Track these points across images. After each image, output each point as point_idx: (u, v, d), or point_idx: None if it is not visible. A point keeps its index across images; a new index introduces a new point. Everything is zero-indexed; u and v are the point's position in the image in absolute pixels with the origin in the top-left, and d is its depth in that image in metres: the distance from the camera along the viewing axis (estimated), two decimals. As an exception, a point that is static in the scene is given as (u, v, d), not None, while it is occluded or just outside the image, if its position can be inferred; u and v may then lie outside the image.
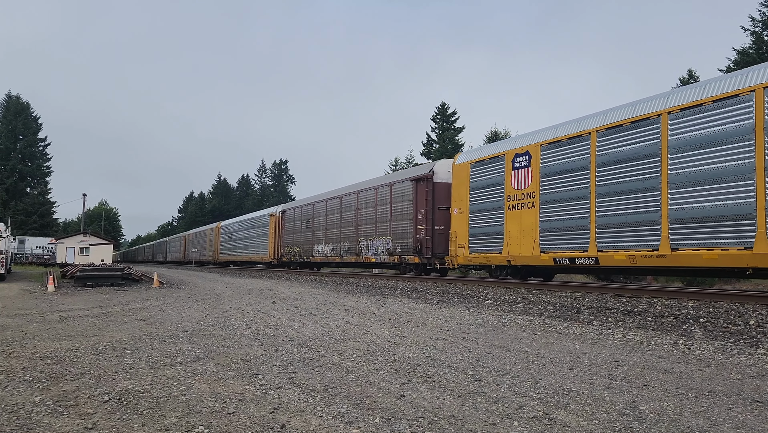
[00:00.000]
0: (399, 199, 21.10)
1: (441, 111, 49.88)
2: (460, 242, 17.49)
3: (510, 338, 6.97)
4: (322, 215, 28.14)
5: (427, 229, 19.08)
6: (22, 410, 3.72)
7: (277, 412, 3.68)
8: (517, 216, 15.28)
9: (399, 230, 20.83)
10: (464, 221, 17.42)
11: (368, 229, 23.24)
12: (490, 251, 16.23)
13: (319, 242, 28.16)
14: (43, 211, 64.97)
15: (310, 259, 29.19)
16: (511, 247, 15.41)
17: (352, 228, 24.73)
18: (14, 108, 67.44)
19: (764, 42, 29.35)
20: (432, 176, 19.41)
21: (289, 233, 32.87)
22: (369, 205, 23.33)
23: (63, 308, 10.95)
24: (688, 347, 6.22)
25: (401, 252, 20.63)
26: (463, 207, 17.52)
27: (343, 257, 25.34)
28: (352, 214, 24.87)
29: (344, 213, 25.69)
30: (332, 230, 26.81)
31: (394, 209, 21.34)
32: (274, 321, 8.51)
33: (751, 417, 3.63)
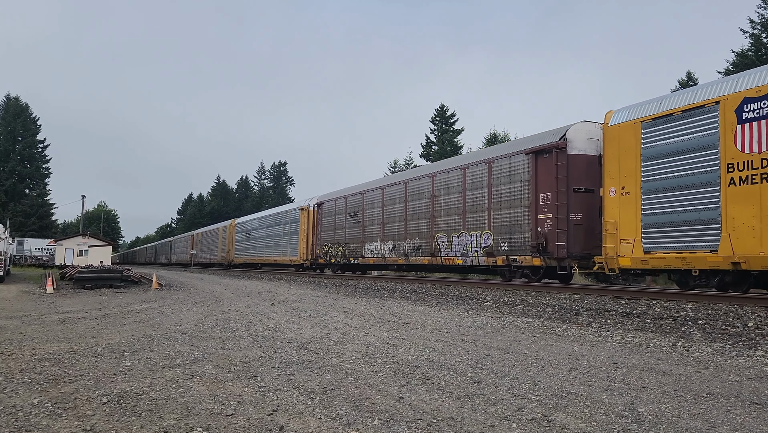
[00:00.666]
0: (505, 179, 16.11)
1: (440, 113, 49.92)
2: (625, 236, 12.42)
3: (509, 339, 6.97)
4: (377, 206, 23.14)
5: (556, 219, 14.12)
6: (21, 411, 3.72)
7: (275, 414, 3.68)
8: (751, 194, 10.07)
9: (504, 222, 15.91)
10: (632, 205, 12.29)
11: (451, 222, 18.36)
12: (692, 249, 11.04)
13: (373, 240, 23.22)
14: (41, 213, 64.95)
15: (359, 260, 24.33)
16: (741, 242, 10.21)
17: (424, 221, 19.82)
18: (13, 109, 67.45)
19: (763, 44, 29.41)
20: (565, 146, 14.12)
21: (328, 229, 27.52)
22: (452, 191, 18.41)
23: (62, 309, 10.94)
24: (686, 349, 6.23)
25: (508, 251, 15.73)
26: (630, 185, 12.38)
27: (409, 258, 20.65)
28: (424, 204, 19.90)
29: (411, 203, 20.83)
30: (392, 225, 21.94)
31: (496, 194, 16.32)
32: (273, 323, 8.51)
33: (749, 419, 3.63)
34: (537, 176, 14.89)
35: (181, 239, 71.21)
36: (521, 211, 15.40)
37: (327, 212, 27.94)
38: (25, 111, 68.40)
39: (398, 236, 21.52)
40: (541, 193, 14.75)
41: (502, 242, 15.98)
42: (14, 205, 63.28)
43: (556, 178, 14.25)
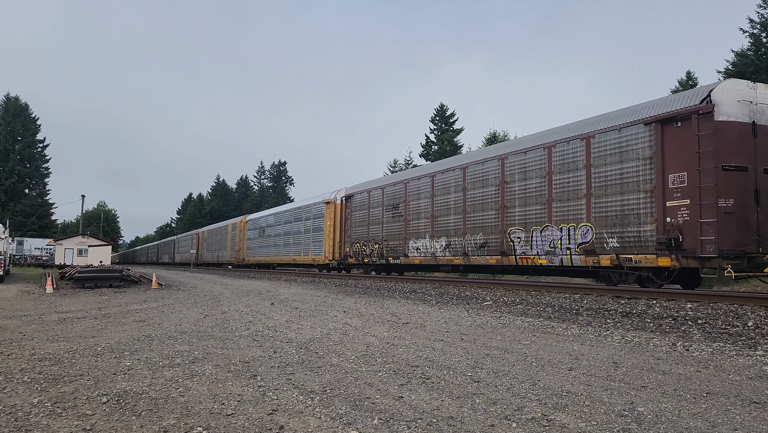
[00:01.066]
0: (612, 158, 13.03)
1: (440, 113, 49.90)
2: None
3: (508, 339, 6.97)
4: (424, 197, 19.71)
5: (698, 206, 11.11)
6: (21, 411, 3.72)
7: (275, 413, 3.68)
8: None
9: (612, 212, 12.91)
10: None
11: (530, 213, 15.20)
12: None
13: (419, 236, 19.82)
14: (41, 213, 64.94)
15: (401, 260, 20.87)
16: None
17: (491, 213, 16.61)
18: (13, 109, 67.45)
19: (762, 44, 29.40)
20: (711, 110, 11.11)
21: (359, 224, 24.07)
22: (531, 176, 15.26)
23: (61, 309, 10.94)
24: (686, 349, 6.23)
25: (619, 248, 12.70)
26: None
27: (470, 258, 17.29)
28: (491, 192, 16.70)
29: (473, 191, 17.45)
30: (446, 218, 18.57)
31: (598, 177, 13.32)
32: (273, 322, 8.51)
33: (749, 418, 3.64)
34: (663, 152, 11.89)
35: (185, 237, 66.81)
36: (638, 197, 12.37)
37: (358, 205, 24.35)
38: (25, 111, 68.39)
39: (454, 232, 18.05)
40: (670, 173, 11.75)
41: (610, 237, 12.85)
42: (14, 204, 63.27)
43: (697, 153, 11.16)
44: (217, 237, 49.64)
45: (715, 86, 11.49)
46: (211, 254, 50.55)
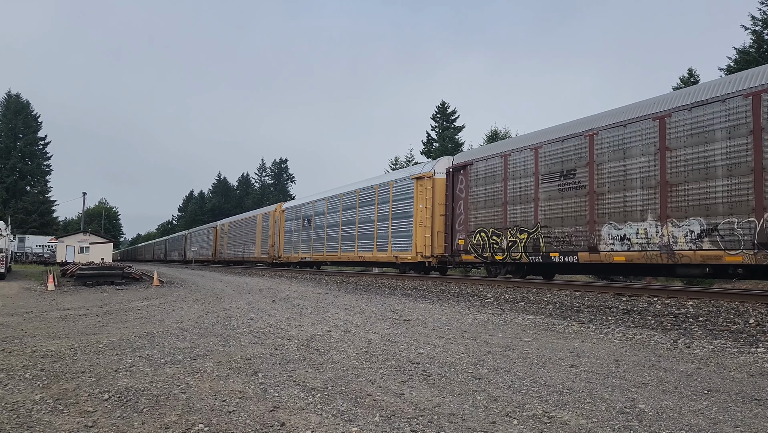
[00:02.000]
0: None
1: (441, 110, 49.86)
2: None
3: (510, 336, 6.97)
4: (639, 153, 12.30)
5: None
6: (23, 408, 3.73)
7: (276, 410, 3.69)
8: None
9: None
10: None
11: None
12: None
13: (626, 217, 12.43)
14: (43, 210, 64.99)
15: (581, 257, 13.46)
16: None
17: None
18: (14, 107, 67.48)
19: (765, 41, 29.32)
20: None
21: (485, 205, 16.75)
22: None
23: (63, 306, 10.96)
24: (687, 346, 6.23)
25: None
26: None
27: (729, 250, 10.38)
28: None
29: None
30: (697, 186, 11.05)
31: None
32: (274, 320, 8.51)
33: (750, 416, 3.63)
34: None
35: (199, 232, 59.23)
36: None
37: (482, 177, 16.99)
38: (26, 108, 68.42)
39: (724, 207, 10.57)
40: None
41: None
42: (15, 202, 63.36)
43: None
44: (242, 230, 42.67)
45: None
46: (234, 250, 43.82)
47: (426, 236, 19.21)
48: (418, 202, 19.66)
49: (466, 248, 17.35)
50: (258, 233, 38.89)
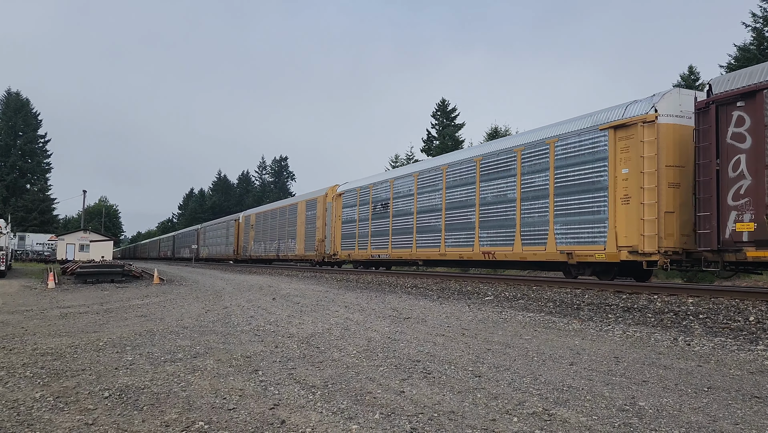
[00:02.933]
0: None
1: (441, 107, 49.82)
2: None
3: (510, 334, 6.98)
4: None
5: None
6: (23, 406, 3.73)
7: (277, 408, 3.69)
8: None
9: None
10: None
11: None
12: None
13: None
14: (43, 208, 65.02)
15: None
16: None
17: None
18: (14, 105, 67.47)
19: (765, 38, 29.28)
20: None
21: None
22: None
23: (63, 304, 10.97)
24: (687, 344, 6.23)
25: None
26: None
27: None
28: None
29: None
30: None
31: None
32: (275, 317, 8.52)
33: (750, 413, 3.64)
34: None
35: (216, 226, 50.53)
36: None
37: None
38: (26, 106, 68.41)
39: None
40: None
41: None
42: (15, 200, 63.40)
43: None
44: (276, 222, 34.65)
45: None
46: (264, 247, 36.33)
47: (643, 218, 11.76)
48: (617, 166, 12.55)
49: (762, 236, 9.72)
50: (300, 224, 30.66)
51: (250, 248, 39.66)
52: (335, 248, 26.03)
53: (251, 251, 39.15)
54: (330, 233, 26.98)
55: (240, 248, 42.24)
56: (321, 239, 27.83)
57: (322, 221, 27.93)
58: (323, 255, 27.59)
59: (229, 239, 44.56)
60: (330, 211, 27.03)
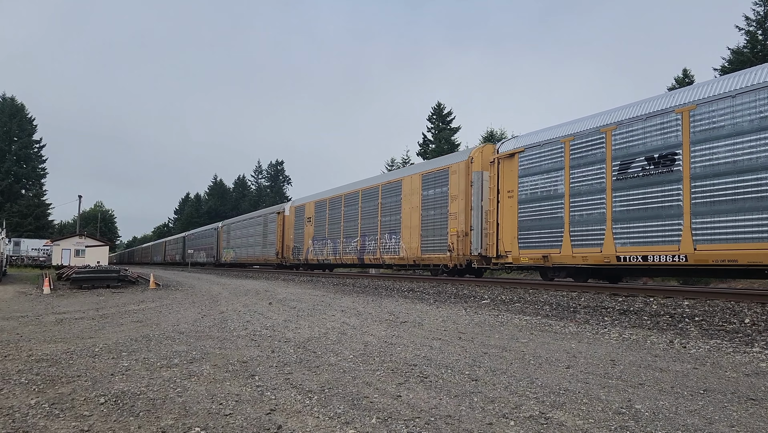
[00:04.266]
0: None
1: (437, 111, 49.94)
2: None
3: (506, 337, 6.98)
4: None
5: None
6: (18, 412, 3.71)
7: (273, 413, 3.68)
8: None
9: None
10: None
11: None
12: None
13: None
14: (38, 213, 64.83)
15: None
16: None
17: None
18: (9, 110, 67.31)
19: (759, 41, 29.47)
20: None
21: None
22: None
23: (59, 310, 10.92)
24: (683, 346, 6.25)
25: None
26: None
27: None
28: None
29: None
30: None
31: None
32: (271, 322, 8.50)
33: (746, 415, 3.65)
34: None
35: (246, 222, 39.80)
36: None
37: None
38: (21, 111, 68.26)
39: None
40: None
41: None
42: (11, 205, 63.17)
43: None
44: (355, 211, 24.40)
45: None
46: (332, 247, 26.21)
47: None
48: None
49: None
50: (410, 210, 20.31)
51: (306, 248, 29.03)
52: (504, 245, 15.84)
53: (309, 252, 28.51)
54: (481, 219, 17.14)
55: (286, 250, 32.05)
56: (461, 231, 17.52)
57: (463, 201, 17.58)
58: (467, 256, 17.50)
59: (269, 237, 34.26)
60: (481, 185, 17.35)
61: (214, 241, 47.13)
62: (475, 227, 17.37)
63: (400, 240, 20.86)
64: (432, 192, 19.38)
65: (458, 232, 17.81)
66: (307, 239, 29.40)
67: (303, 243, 29.91)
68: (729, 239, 10.46)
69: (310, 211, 29.45)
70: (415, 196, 20.22)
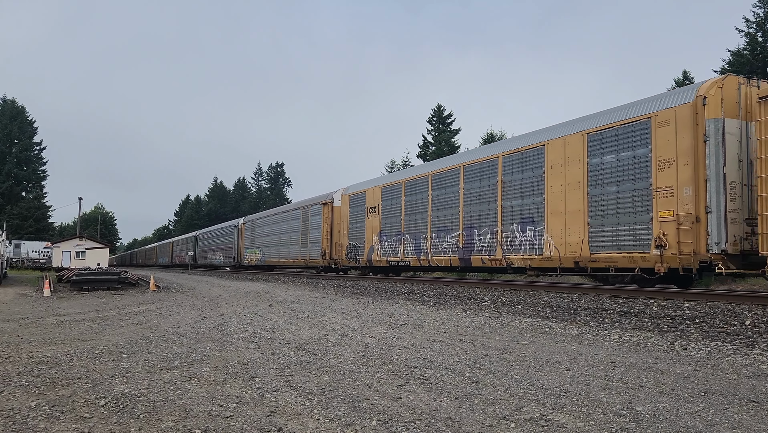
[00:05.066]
0: None
1: (437, 113, 49.95)
2: None
3: (507, 339, 6.97)
4: None
5: None
6: (18, 415, 3.71)
7: (274, 415, 3.68)
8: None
9: None
10: None
11: None
12: None
13: None
14: (38, 216, 64.83)
15: None
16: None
17: None
18: (10, 112, 67.34)
19: (758, 43, 29.50)
20: None
21: None
22: None
23: (59, 312, 10.92)
24: (684, 348, 6.24)
25: None
26: None
27: None
28: None
29: None
30: None
31: None
32: (271, 324, 8.50)
33: (747, 417, 3.64)
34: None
35: (274, 218, 33.41)
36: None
37: None
38: (22, 113, 68.28)
39: None
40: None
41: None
42: (11, 207, 63.19)
43: None
44: (429, 197, 19.01)
45: None
46: (403, 245, 20.12)
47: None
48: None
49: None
50: (561, 189, 14.14)
51: (368, 247, 22.26)
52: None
53: (374, 252, 21.84)
54: (724, 196, 10.82)
55: (337, 249, 24.90)
56: (686, 214, 11.18)
57: (689, 168, 11.25)
58: (700, 255, 10.92)
59: (310, 234, 27.35)
60: (722, 141, 10.93)
61: (234, 240, 40.59)
62: (713, 208, 10.74)
63: (544, 232, 14.46)
64: (611, 158, 12.91)
65: (678, 217, 11.29)
66: (370, 234, 22.39)
67: (364, 240, 22.82)
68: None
69: (374, 198, 22.42)
70: (575, 167, 13.75)
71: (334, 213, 25.38)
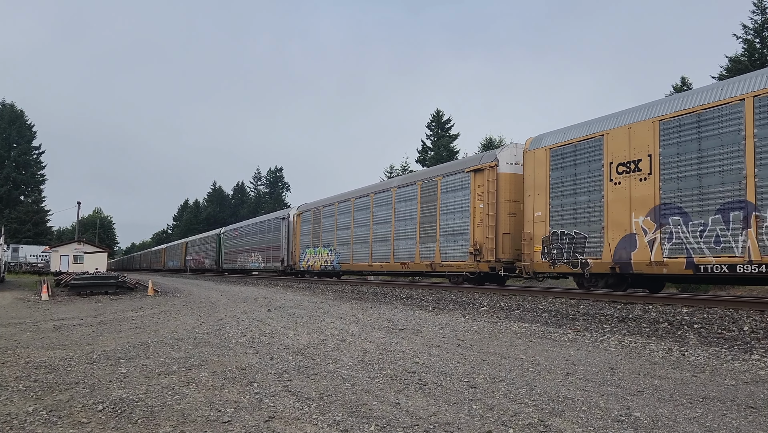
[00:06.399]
0: None
1: (436, 118, 50.06)
2: None
3: (505, 344, 6.97)
4: None
5: None
6: (16, 420, 3.70)
7: (272, 420, 3.67)
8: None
9: None
10: None
11: None
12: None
13: None
14: (37, 220, 64.77)
15: None
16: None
17: None
18: (8, 116, 67.40)
19: (756, 49, 29.63)
20: None
21: None
22: None
23: (57, 316, 10.89)
24: (682, 354, 6.24)
25: None
26: None
27: None
28: None
29: None
30: None
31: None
32: (270, 329, 8.49)
33: (745, 423, 3.64)
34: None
35: (363, 201, 22.80)
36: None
37: None
38: (21, 117, 68.35)
39: None
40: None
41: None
42: (9, 211, 63.15)
43: None
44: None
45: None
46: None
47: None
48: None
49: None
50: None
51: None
52: None
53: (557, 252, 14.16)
54: None
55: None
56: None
57: None
58: None
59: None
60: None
61: (280, 237, 31.67)
62: None
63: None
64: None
65: None
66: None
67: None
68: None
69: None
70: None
71: (500, 181, 16.16)
